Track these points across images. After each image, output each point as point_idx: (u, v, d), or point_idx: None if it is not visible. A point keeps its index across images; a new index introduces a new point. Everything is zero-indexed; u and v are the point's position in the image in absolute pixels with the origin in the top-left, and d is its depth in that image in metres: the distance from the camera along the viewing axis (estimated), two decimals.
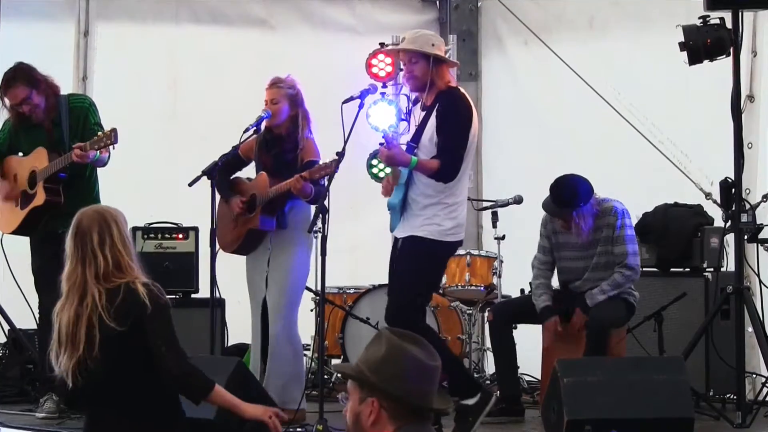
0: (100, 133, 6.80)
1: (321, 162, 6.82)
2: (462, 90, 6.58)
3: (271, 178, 6.88)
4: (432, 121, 6.37)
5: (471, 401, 6.38)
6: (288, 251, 6.92)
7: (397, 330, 3.18)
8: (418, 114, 6.56)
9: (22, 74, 6.99)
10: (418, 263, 6.39)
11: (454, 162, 6.34)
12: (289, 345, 6.93)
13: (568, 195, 7.11)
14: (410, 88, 6.63)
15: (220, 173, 6.93)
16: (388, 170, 6.92)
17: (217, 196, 7.00)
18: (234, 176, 7.21)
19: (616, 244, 7.10)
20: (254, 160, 7.13)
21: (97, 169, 7.18)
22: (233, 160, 7.06)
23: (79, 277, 4.53)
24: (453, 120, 6.36)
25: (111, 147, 6.73)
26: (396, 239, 6.57)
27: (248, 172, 7.28)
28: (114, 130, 6.70)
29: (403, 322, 6.23)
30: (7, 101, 7.05)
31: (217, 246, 6.97)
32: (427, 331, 6.46)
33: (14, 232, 7.20)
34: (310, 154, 6.91)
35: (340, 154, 6.43)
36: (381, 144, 6.46)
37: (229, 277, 7.25)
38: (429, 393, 3.11)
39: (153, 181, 9.07)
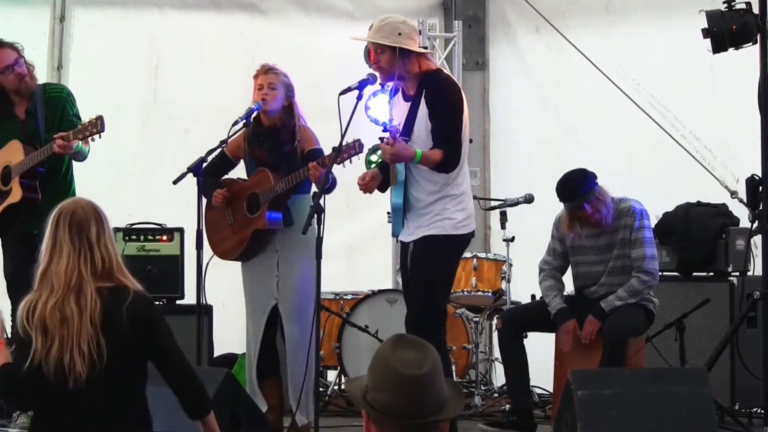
0: (85, 121, 6.82)
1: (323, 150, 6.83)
2: (446, 71, 6.54)
3: (272, 173, 6.88)
4: (422, 110, 6.36)
5: None
6: (298, 252, 6.88)
7: (406, 335, 3.18)
8: (401, 105, 6.53)
9: (7, 42, 7.05)
10: (435, 265, 6.38)
11: (456, 150, 6.34)
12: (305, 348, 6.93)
13: (570, 185, 7.06)
14: (381, 79, 6.60)
15: (206, 177, 6.87)
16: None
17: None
18: (222, 178, 7.17)
19: (634, 247, 7.07)
20: (244, 158, 7.09)
21: (73, 165, 7.20)
22: (220, 161, 7.03)
23: (75, 271, 4.52)
24: (446, 105, 6.35)
25: (97, 136, 6.73)
26: (404, 244, 6.57)
27: (238, 173, 7.29)
28: (100, 118, 6.71)
29: (424, 333, 6.19)
30: None
31: (211, 252, 6.94)
32: (440, 346, 6.43)
33: None
34: (311, 142, 6.89)
35: (337, 150, 6.44)
36: (381, 139, 6.45)
37: (216, 282, 7.27)
38: (413, 405, 3.03)
39: (135, 178, 9.09)
